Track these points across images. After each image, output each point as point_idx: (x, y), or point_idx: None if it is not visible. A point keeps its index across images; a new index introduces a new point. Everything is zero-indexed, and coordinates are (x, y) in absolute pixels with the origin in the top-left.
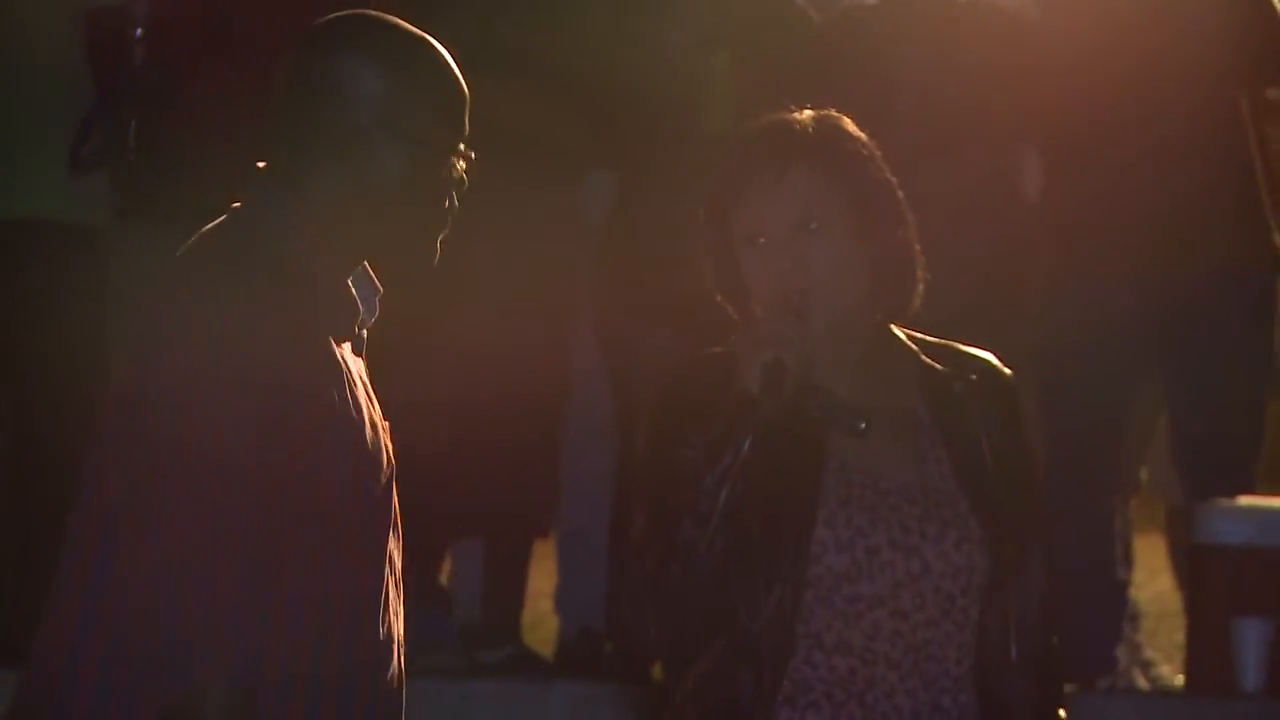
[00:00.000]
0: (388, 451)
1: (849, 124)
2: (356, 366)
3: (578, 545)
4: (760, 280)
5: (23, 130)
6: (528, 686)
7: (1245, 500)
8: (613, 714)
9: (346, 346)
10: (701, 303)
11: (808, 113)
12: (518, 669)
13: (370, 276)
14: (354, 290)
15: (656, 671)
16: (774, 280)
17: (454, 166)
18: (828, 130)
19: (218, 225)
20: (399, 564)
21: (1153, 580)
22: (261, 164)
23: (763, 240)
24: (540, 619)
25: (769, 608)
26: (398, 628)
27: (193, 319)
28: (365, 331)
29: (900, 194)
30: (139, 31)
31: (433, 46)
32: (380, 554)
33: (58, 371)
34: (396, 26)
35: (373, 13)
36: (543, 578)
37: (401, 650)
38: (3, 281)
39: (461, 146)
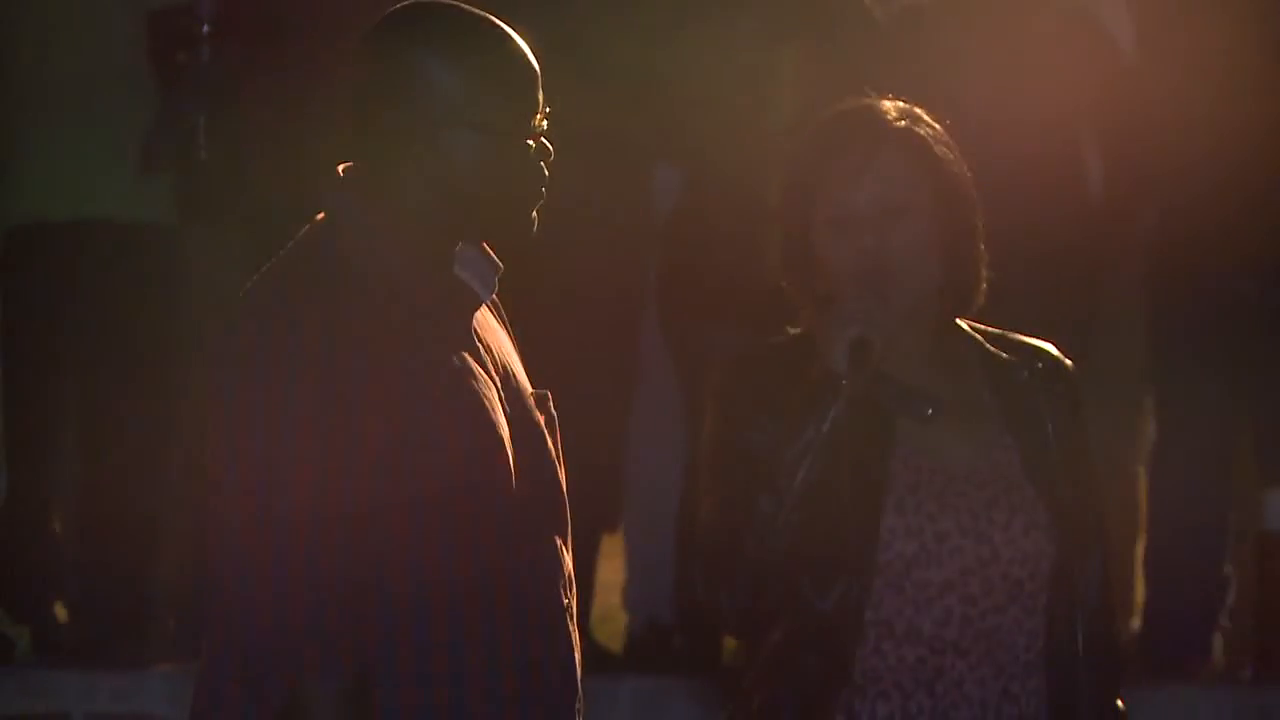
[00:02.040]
0: (534, 419)
1: (928, 115)
2: (489, 343)
3: (645, 539)
4: (843, 261)
5: (85, 132)
6: (596, 681)
7: None
8: (682, 708)
9: (484, 316)
10: (768, 295)
11: (889, 101)
12: (586, 664)
13: (488, 255)
14: (461, 275)
15: (725, 661)
16: (857, 260)
17: (530, 145)
18: (912, 119)
19: (298, 241)
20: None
21: None
22: (342, 167)
23: (848, 221)
24: (609, 613)
25: (837, 593)
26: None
27: (265, 336)
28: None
29: (974, 190)
30: (206, 28)
31: (498, 28)
32: (515, 535)
33: (124, 370)
34: (461, 13)
35: (435, 1)
36: (611, 572)
37: (565, 618)
38: (70, 282)
39: (536, 120)
